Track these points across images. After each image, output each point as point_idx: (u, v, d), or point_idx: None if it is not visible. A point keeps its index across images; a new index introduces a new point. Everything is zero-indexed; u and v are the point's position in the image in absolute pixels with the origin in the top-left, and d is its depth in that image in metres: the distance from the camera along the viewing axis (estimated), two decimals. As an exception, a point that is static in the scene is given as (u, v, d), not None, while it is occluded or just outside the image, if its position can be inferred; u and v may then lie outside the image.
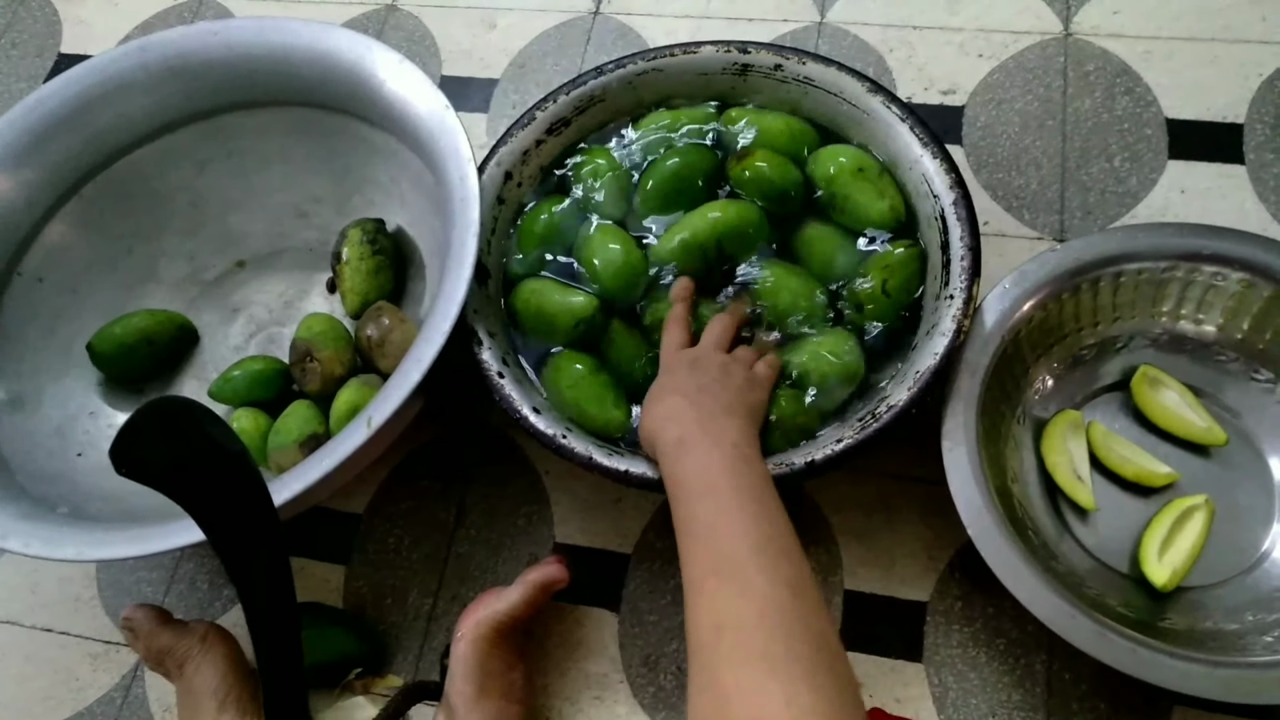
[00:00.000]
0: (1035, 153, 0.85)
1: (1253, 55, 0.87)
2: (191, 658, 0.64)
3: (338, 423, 0.73)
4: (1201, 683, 0.55)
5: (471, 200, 0.67)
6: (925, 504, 0.73)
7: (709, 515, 0.53)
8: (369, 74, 0.75)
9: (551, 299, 0.72)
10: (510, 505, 0.78)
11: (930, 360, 0.64)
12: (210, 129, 0.83)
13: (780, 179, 0.74)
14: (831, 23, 0.95)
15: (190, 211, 0.85)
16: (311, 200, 0.86)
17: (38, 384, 0.78)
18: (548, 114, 0.77)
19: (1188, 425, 0.69)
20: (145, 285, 0.85)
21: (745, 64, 0.77)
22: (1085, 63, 0.89)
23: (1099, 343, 0.72)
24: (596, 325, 0.72)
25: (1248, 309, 0.68)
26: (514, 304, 0.74)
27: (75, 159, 0.80)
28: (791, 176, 0.74)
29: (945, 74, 0.91)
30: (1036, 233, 0.82)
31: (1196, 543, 0.65)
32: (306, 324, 0.78)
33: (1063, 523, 0.68)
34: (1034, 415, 0.71)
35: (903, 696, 0.68)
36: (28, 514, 0.66)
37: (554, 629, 0.73)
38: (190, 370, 0.83)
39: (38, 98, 0.78)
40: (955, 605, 0.70)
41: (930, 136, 0.72)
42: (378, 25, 1.04)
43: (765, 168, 0.74)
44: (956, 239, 0.68)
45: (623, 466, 0.64)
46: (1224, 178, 0.82)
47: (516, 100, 0.96)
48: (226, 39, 0.78)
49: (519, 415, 0.66)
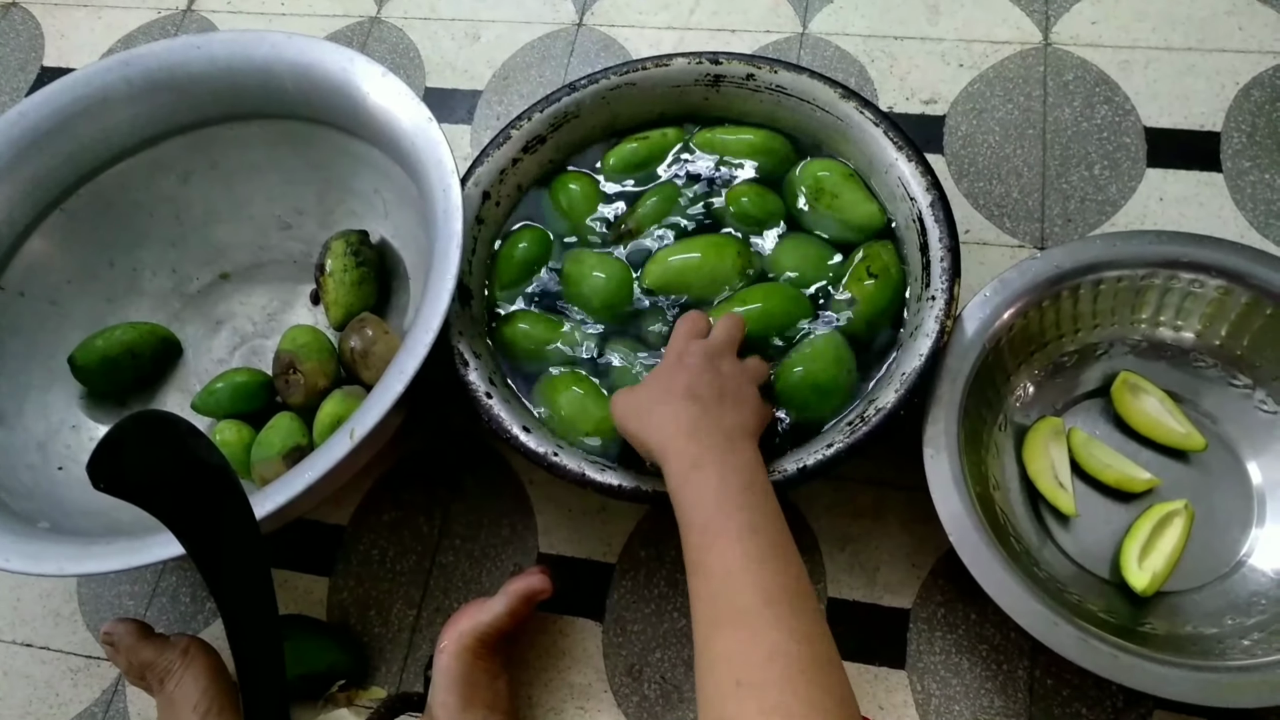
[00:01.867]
0: (1016, 161, 0.86)
1: (1229, 64, 0.87)
2: (173, 672, 0.64)
3: (321, 434, 0.73)
4: (1181, 687, 0.56)
5: (455, 212, 0.68)
6: (907, 511, 0.73)
7: (725, 559, 0.51)
8: (353, 86, 0.75)
9: (545, 334, 0.73)
10: (494, 516, 0.78)
11: (916, 361, 0.65)
12: (193, 141, 0.83)
13: (761, 211, 0.75)
14: (814, 33, 0.96)
15: (173, 224, 0.85)
16: (295, 212, 0.86)
17: (19, 398, 0.78)
18: (523, 131, 0.78)
19: (1167, 431, 0.69)
20: (128, 298, 0.85)
21: (717, 75, 0.78)
22: (1065, 72, 0.89)
23: (1079, 349, 0.72)
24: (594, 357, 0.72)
25: (1225, 315, 0.69)
26: (505, 337, 0.74)
27: (58, 172, 0.79)
28: (772, 207, 0.75)
29: (926, 84, 0.91)
30: (1017, 241, 0.82)
31: (1176, 548, 0.65)
32: (290, 336, 0.78)
33: (1044, 529, 0.68)
34: (1015, 422, 0.72)
35: (886, 704, 0.68)
36: (8, 529, 0.66)
37: (538, 639, 0.73)
38: (173, 383, 0.83)
39: (20, 111, 0.78)
40: (938, 612, 0.70)
41: (905, 140, 0.72)
42: (361, 38, 1.04)
43: (747, 203, 0.75)
44: (935, 240, 0.68)
45: (615, 481, 0.64)
46: (1202, 185, 0.83)
47: (500, 112, 0.96)
48: (210, 52, 0.78)
49: (509, 436, 0.66)
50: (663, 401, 0.59)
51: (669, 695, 0.70)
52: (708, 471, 0.54)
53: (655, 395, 0.60)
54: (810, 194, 0.74)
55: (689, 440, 0.56)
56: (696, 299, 0.73)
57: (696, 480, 0.54)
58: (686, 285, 0.73)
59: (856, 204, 0.73)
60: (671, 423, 0.57)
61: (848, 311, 0.70)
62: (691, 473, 0.54)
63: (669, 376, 0.60)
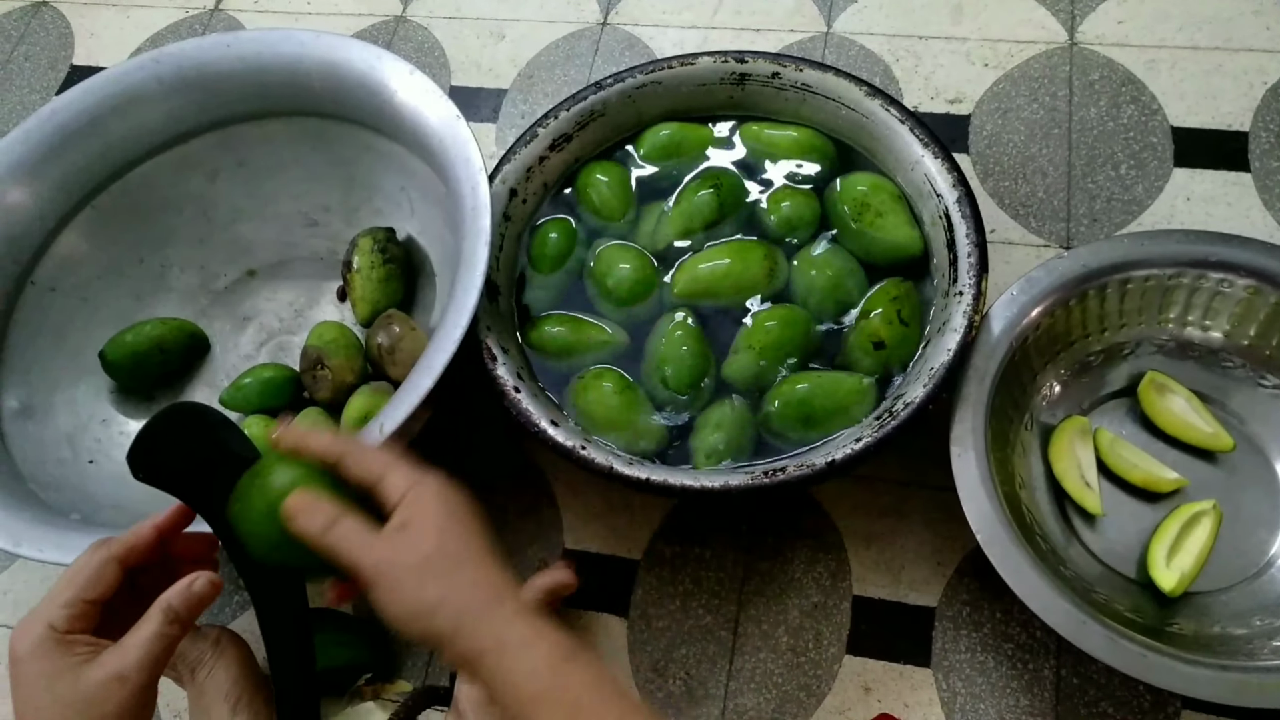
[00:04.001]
0: (1041, 161, 0.86)
1: (1257, 64, 0.87)
2: (204, 662, 0.64)
3: (348, 430, 0.74)
4: (1211, 687, 0.56)
5: (483, 209, 0.68)
6: (933, 510, 0.73)
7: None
8: (380, 84, 0.76)
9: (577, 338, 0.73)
10: (519, 512, 0.78)
11: (944, 356, 0.65)
12: (222, 139, 0.83)
13: (800, 219, 0.75)
14: (838, 33, 0.96)
15: (201, 221, 0.86)
16: (321, 209, 0.86)
17: (49, 392, 0.79)
18: (550, 130, 0.78)
19: (1195, 431, 0.69)
20: (156, 294, 0.85)
21: (743, 73, 0.78)
22: (1090, 72, 0.89)
23: (1106, 349, 0.72)
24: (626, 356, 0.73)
25: (1254, 315, 0.69)
26: (533, 339, 0.74)
27: (88, 170, 0.80)
28: (810, 215, 0.75)
29: (951, 83, 0.91)
30: (1043, 240, 0.82)
31: (1204, 548, 0.65)
32: (317, 332, 0.79)
33: (1070, 528, 0.68)
34: (1042, 421, 0.71)
35: (911, 701, 0.68)
36: (42, 520, 0.67)
37: (563, 635, 0.73)
38: (201, 378, 0.84)
39: (51, 109, 0.79)
40: (963, 611, 0.70)
41: (930, 137, 0.72)
42: (387, 36, 1.05)
43: (788, 208, 0.75)
44: (962, 236, 0.68)
45: (643, 475, 0.64)
46: (1230, 185, 0.82)
47: (525, 110, 0.97)
48: (239, 50, 0.79)
49: (537, 429, 0.66)
50: (414, 581, 0.47)
51: (694, 691, 0.70)
52: (511, 647, 0.46)
53: (395, 581, 0.47)
54: (854, 209, 0.73)
55: (467, 619, 0.47)
56: (726, 305, 0.73)
57: (507, 663, 0.46)
58: (715, 292, 0.73)
59: (899, 226, 0.72)
60: (437, 606, 0.47)
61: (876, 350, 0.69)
62: (495, 656, 0.46)
63: (398, 554, 0.48)
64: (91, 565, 0.49)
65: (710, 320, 0.73)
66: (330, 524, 0.48)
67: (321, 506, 0.48)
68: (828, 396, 0.68)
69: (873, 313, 0.69)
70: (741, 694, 0.70)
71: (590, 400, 0.70)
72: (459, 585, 0.47)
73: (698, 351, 0.71)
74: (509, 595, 0.48)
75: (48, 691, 0.46)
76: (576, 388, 0.71)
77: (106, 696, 0.46)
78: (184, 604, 0.49)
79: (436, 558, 0.47)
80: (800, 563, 0.73)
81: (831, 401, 0.68)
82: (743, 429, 0.68)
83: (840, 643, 0.70)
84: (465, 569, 0.48)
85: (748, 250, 0.73)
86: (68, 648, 0.47)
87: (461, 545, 0.48)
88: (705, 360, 0.71)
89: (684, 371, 0.70)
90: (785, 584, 0.73)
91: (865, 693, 0.69)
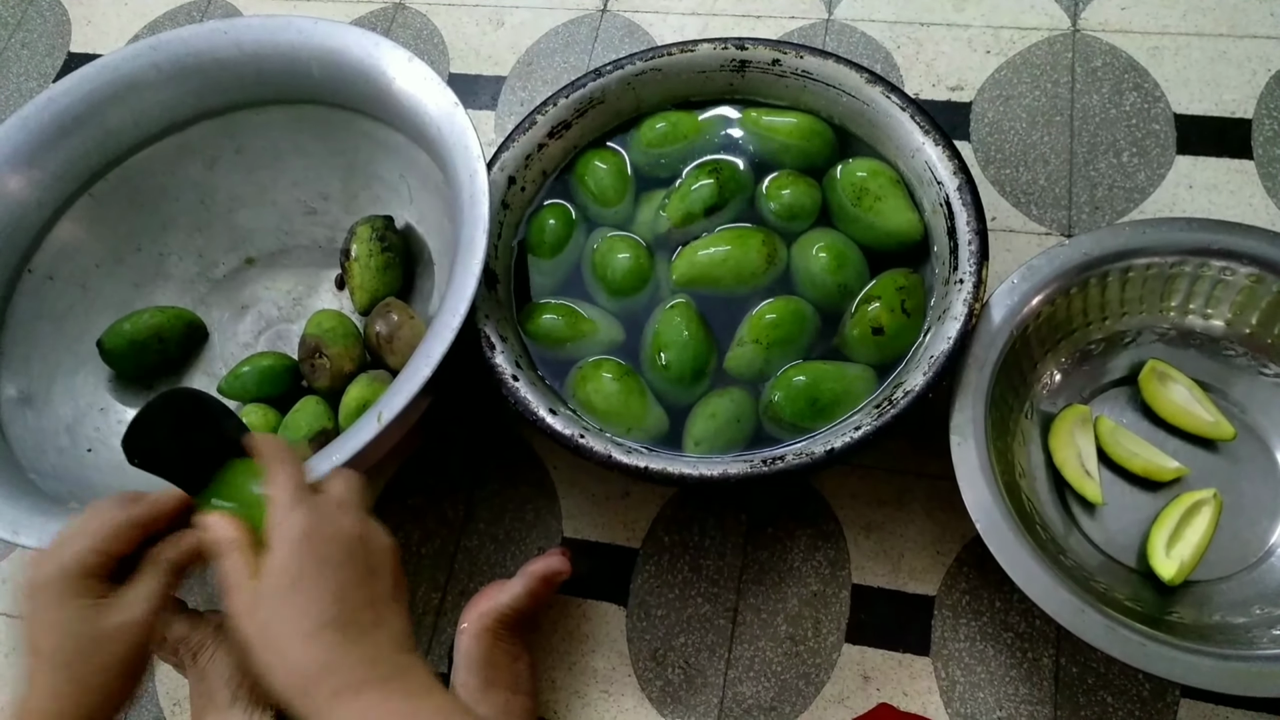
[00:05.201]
0: (1043, 148, 0.85)
1: (1260, 51, 0.86)
2: (206, 647, 0.64)
3: (347, 418, 0.74)
4: (1211, 676, 0.55)
5: (481, 197, 0.68)
6: (932, 498, 0.73)
7: None
8: (378, 71, 0.75)
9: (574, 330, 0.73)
10: (518, 500, 0.78)
11: (944, 344, 0.64)
12: (219, 126, 0.83)
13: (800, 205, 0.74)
14: (839, 19, 0.95)
15: (199, 209, 0.86)
16: (320, 197, 0.86)
17: (48, 381, 0.79)
18: (548, 117, 0.77)
19: (1195, 420, 0.69)
20: (154, 282, 0.85)
21: (743, 60, 0.77)
22: (1093, 58, 0.89)
23: (1107, 337, 0.72)
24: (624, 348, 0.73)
25: (1256, 304, 0.68)
26: (530, 328, 0.74)
27: (86, 157, 0.80)
28: (809, 202, 0.75)
29: (953, 70, 0.91)
30: (1044, 228, 0.82)
31: (1204, 537, 0.65)
32: (315, 320, 0.78)
33: (1070, 517, 0.68)
34: (1042, 410, 0.71)
35: (910, 690, 0.68)
36: (40, 509, 0.67)
37: (561, 623, 0.73)
38: (200, 366, 0.84)
39: (49, 96, 0.78)
40: (963, 599, 0.70)
41: (931, 124, 0.72)
42: (386, 23, 1.04)
43: (788, 195, 0.74)
44: (963, 223, 0.68)
45: (642, 463, 0.64)
46: (1232, 173, 0.82)
47: (524, 98, 0.96)
48: (237, 37, 0.79)
49: (535, 418, 0.66)
50: (295, 631, 0.46)
51: (692, 679, 0.70)
52: (390, 698, 0.45)
53: (264, 623, 0.47)
54: (854, 194, 0.73)
55: (348, 673, 0.45)
56: (726, 293, 0.73)
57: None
58: (715, 280, 0.73)
59: (899, 211, 0.72)
60: (316, 667, 0.45)
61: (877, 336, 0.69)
62: (379, 710, 0.45)
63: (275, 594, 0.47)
64: (114, 523, 0.50)
65: (710, 308, 0.72)
66: (224, 551, 0.48)
67: (222, 527, 0.49)
68: (834, 384, 0.68)
69: (876, 300, 0.69)
70: (740, 682, 0.70)
71: (590, 390, 0.70)
72: (287, 659, 0.45)
73: (698, 336, 0.70)
74: (327, 678, 0.44)
75: (64, 627, 0.48)
76: (576, 379, 0.71)
77: (119, 640, 0.48)
78: (178, 556, 0.50)
79: (275, 623, 0.46)
80: (799, 551, 0.73)
81: (839, 387, 0.67)
82: (739, 419, 0.68)
83: (839, 631, 0.70)
84: (293, 644, 0.45)
85: (747, 237, 0.73)
86: (85, 589, 0.48)
87: (298, 611, 0.46)
88: (705, 345, 0.70)
89: (684, 357, 0.70)
90: (784, 572, 0.73)
91: (864, 681, 0.69)
